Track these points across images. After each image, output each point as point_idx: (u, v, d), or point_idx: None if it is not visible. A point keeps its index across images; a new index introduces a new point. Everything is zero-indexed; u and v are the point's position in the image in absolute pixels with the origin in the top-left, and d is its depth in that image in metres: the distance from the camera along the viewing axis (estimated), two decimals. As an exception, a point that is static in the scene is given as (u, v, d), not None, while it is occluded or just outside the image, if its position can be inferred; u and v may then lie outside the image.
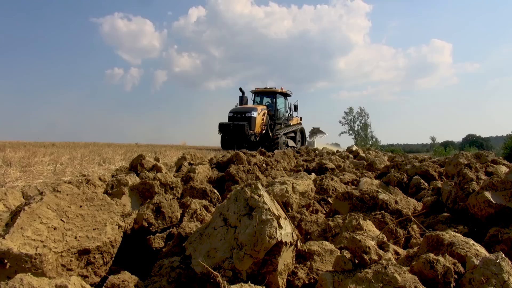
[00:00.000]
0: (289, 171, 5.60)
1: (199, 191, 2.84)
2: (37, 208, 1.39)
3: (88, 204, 1.55)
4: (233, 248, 1.24)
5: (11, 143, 14.93)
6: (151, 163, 5.02)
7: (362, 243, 1.28)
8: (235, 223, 1.30)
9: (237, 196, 1.35)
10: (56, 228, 1.38)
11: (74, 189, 1.59)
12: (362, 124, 62.22)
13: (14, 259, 1.20)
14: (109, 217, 1.54)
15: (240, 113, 18.90)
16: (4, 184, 4.44)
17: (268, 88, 22.42)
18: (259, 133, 18.85)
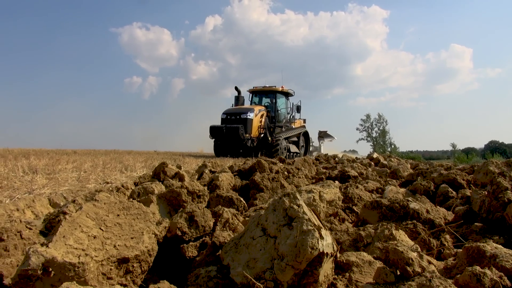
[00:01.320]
0: (310, 178, 5.56)
1: (226, 199, 2.84)
2: (77, 217, 1.42)
3: (125, 213, 1.57)
4: (274, 258, 1.23)
5: (35, 150, 15.30)
6: (174, 170, 5.06)
7: (405, 254, 1.25)
8: (274, 233, 1.29)
9: (276, 206, 1.35)
10: (96, 237, 1.39)
11: (111, 198, 1.61)
12: (380, 130, 61.44)
13: (58, 268, 1.22)
14: (146, 226, 1.56)
15: (235, 114, 16.57)
16: (31, 191, 4.53)
17: (267, 86, 19.71)
18: (256, 137, 16.74)
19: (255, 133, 16.64)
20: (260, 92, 19.75)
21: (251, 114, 16.40)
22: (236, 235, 1.61)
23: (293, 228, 1.24)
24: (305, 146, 21.45)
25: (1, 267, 1.88)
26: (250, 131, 16.19)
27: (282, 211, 1.31)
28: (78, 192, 4.64)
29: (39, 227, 2.36)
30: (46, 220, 2.53)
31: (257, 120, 16.78)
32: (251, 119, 16.28)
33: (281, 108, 19.56)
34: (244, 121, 16.02)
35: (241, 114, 16.32)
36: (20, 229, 2.03)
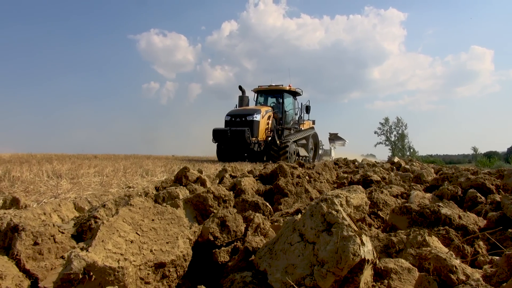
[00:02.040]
0: (332, 183, 5.51)
1: (251, 204, 2.84)
2: (114, 221, 1.43)
3: (159, 217, 1.58)
4: (313, 265, 1.22)
5: (57, 155, 15.63)
6: (195, 175, 5.09)
7: (448, 262, 1.22)
8: (313, 239, 1.28)
9: (313, 212, 1.33)
10: (133, 242, 1.40)
11: (145, 203, 1.62)
12: (399, 134, 60.55)
13: (99, 272, 1.23)
14: (180, 230, 1.56)
15: (240, 116, 15.20)
16: (57, 196, 4.60)
17: (274, 85, 18.08)
18: (263, 140, 15.37)
19: (262, 136, 15.40)
20: (266, 91, 18.28)
21: (257, 115, 15.11)
22: (269, 241, 1.60)
23: (332, 234, 1.22)
24: (315, 150, 20.17)
25: (36, 271, 1.92)
26: (257, 134, 14.95)
27: (320, 217, 1.30)
28: (101, 196, 4.70)
29: (70, 231, 2.40)
30: (77, 224, 2.57)
31: (264, 122, 15.54)
32: (257, 121, 15.02)
33: (289, 109, 18.14)
34: (250, 123, 14.82)
35: (247, 116, 15.03)
36: (53, 233, 2.06)
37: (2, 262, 1.72)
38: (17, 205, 3.63)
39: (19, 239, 1.91)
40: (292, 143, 15.72)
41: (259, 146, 14.98)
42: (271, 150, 15.19)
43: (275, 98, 17.99)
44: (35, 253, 1.94)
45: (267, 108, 16.44)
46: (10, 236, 2.03)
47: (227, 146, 15.12)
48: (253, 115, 15.04)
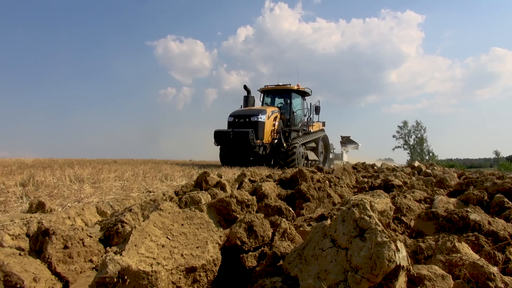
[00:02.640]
0: (352, 188, 5.46)
1: (274, 208, 2.83)
2: (146, 226, 1.45)
3: (188, 222, 1.59)
4: (347, 271, 1.21)
5: (77, 160, 15.93)
6: (215, 179, 5.12)
7: (486, 269, 1.19)
8: (345, 244, 1.27)
9: (345, 217, 1.32)
10: (164, 246, 1.42)
11: (174, 207, 1.64)
12: (418, 138, 59.51)
13: (133, 276, 1.25)
14: (209, 235, 1.57)
15: (244, 117, 14.07)
16: (80, 200, 4.67)
17: (281, 85, 16.84)
18: (269, 143, 14.19)
19: (268, 138, 14.24)
20: (273, 91, 17.09)
21: (262, 116, 13.92)
22: (298, 246, 1.60)
23: (366, 239, 1.21)
24: (325, 153, 18.89)
25: (67, 274, 1.95)
26: (262, 136, 13.81)
27: (352, 222, 1.29)
28: (123, 201, 4.76)
29: (98, 235, 2.45)
30: (104, 228, 2.61)
31: (269, 123, 14.36)
32: (262, 122, 13.85)
33: (297, 110, 16.82)
34: (254, 124, 13.66)
35: (251, 117, 13.84)
36: (82, 237, 2.10)
37: (35, 265, 1.76)
38: (42, 209, 3.71)
39: (50, 243, 1.96)
40: (300, 146, 14.66)
41: (264, 149, 13.83)
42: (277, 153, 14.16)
43: (282, 98, 16.85)
44: (65, 256, 1.98)
45: (273, 108, 15.25)
46: (41, 239, 2.07)
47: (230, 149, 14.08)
48: (258, 115, 13.83)
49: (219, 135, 13.63)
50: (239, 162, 13.91)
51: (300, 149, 14.41)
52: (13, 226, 3.06)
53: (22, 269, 1.63)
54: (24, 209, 3.84)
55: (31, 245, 2.14)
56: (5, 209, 3.84)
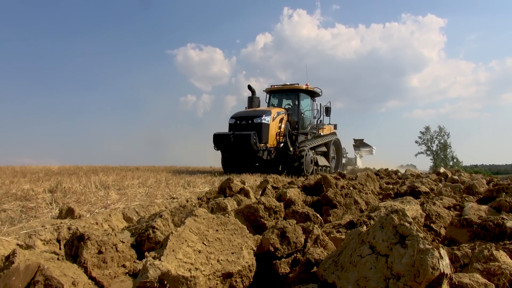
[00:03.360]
0: (377, 194, 5.38)
1: (302, 215, 2.82)
2: (182, 231, 1.46)
3: (223, 228, 1.60)
4: (388, 278, 1.19)
5: (101, 167, 16.25)
6: (239, 186, 5.14)
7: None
8: (385, 251, 1.25)
9: (383, 223, 1.31)
10: (200, 251, 1.43)
11: (208, 213, 1.65)
12: (441, 144, 58.15)
13: (172, 281, 1.26)
14: (243, 241, 1.58)
15: (246, 118, 12.79)
16: (107, 206, 4.75)
17: (288, 84, 15.60)
18: (274, 147, 12.81)
19: (273, 142, 12.88)
20: (280, 91, 15.78)
21: (267, 117, 12.63)
22: (332, 252, 1.58)
23: (407, 246, 1.19)
24: (337, 158, 17.37)
25: (102, 278, 1.99)
26: (266, 139, 12.50)
27: (392, 229, 1.27)
28: (148, 207, 4.82)
29: (130, 241, 2.49)
30: (135, 234, 2.66)
31: (275, 125, 13.01)
32: (267, 124, 12.55)
33: (306, 111, 15.52)
34: (258, 126, 12.35)
35: (254, 118, 12.57)
36: (115, 242, 2.14)
37: (73, 269, 1.80)
38: (72, 215, 3.79)
39: (86, 248, 2.00)
40: (309, 150, 13.39)
41: (269, 154, 12.46)
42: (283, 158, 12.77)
43: (290, 99, 15.61)
44: (99, 261, 2.02)
45: (279, 109, 13.95)
46: (76, 244, 2.12)
47: (231, 153, 12.86)
48: (261, 117, 12.50)
49: (219, 139, 12.33)
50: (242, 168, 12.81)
51: (309, 154, 13.18)
52: (44, 231, 3.14)
53: (61, 273, 1.67)
54: (54, 215, 3.94)
55: (67, 250, 2.19)
56: (35, 215, 3.95)
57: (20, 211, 4.16)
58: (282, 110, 13.89)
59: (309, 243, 1.82)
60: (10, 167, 13.87)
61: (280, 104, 15.61)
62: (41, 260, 1.69)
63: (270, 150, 12.50)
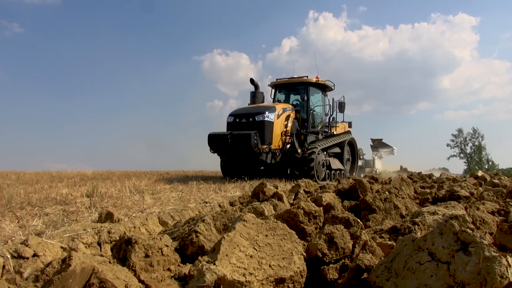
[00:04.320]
0: (413, 199, 5.24)
1: (342, 220, 2.78)
2: (233, 236, 1.48)
3: (272, 233, 1.60)
4: (451, 286, 1.16)
5: (132, 172, 16.63)
6: (272, 190, 5.14)
7: None
8: (446, 258, 1.22)
9: (442, 230, 1.27)
10: (252, 256, 1.44)
11: (257, 219, 1.66)
12: (476, 146, 56.07)
13: (228, 285, 1.27)
14: (293, 246, 1.57)
15: (247, 116, 11.12)
16: (143, 210, 4.84)
17: (296, 77, 13.61)
18: (279, 148, 11.13)
19: (278, 142, 11.13)
20: (286, 85, 13.87)
21: (270, 114, 10.92)
22: (384, 259, 1.55)
23: (471, 254, 1.15)
24: (352, 160, 15.47)
25: (149, 282, 2.03)
26: (270, 139, 10.81)
27: (452, 235, 1.23)
28: (182, 211, 4.87)
29: (173, 245, 2.53)
30: (177, 238, 2.70)
31: (280, 123, 11.26)
32: (270, 122, 10.86)
33: (317, 108, 13.45)
34: (260, 125, 10.74)
35: (255, 115, 10.89)
36: (161, 246, 2.18)
37: (124, 272, 1.85)
38: (111, 219, 3.88)
39: (134, 251, 2.05)
40: (321, 151, 11.72)
41: (273, 157, 10.82)
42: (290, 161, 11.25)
43: (299, 95, 13.71)
44: (146, 265, 2.06)
45: (286, 105, 12.16)
46: (124, 248, 2.18)
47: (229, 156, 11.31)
48: (264, 113, 10.78)
49: (214, 140, 10.67)
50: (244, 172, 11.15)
51: (320, 156, 11.51)
52: (86, 235, 3.24)
53: (114, 276, 1.71)
54: (94, 218, 4.05)
55: (115, 253, 2.25)
56: (76, 218, 4.07)
57: (62, 215, 4.30)
58: (289, 106, 12.11)
59: (357, 249, 1.79)
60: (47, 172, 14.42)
61: (287, 100, 13.71)
62: (95, 263, 1.74)
63: (275, 152, 10.87)
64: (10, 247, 2.67)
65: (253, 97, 13.01)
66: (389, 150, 22.30)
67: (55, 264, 1.75)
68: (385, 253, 1.87)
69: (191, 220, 3.34)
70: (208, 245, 2.35)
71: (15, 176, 11.58)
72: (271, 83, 14.01)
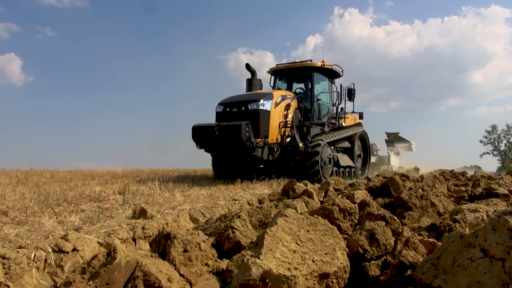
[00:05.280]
0: (448, 197, 5.10)
1: (378, 217, 2.73)
2: (276, 231, 1.48)
3: (313, 228, 1.60)
4: (506, 283, 1.12)
5: (160, 170, 16.93)
6: (302, 188, 5.13)
7: None
8: (500, 255, 1.18)
9: (495, 226, 1.23)
10: (295, 251, 1.44)
11: (297, 214, 1.66)
12: (510, 143, 53.92)
13: (274, 279, 1.28)
14: (335, 242, 1.56)
15: (238, 104, 9.40)
16: (174, 207, 4.92)
17: (298, 62, 11.69)
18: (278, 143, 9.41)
19: (275, 135, 9.37)
20: (288, 72, 11.89)
21: (266, 102, 9.19)
22: (429, 255, 1.52)
23: (528, 250, 1.11)
24: (364, 156, 13.52)
25: (189, 276, 2.07)
26: (266, 132, 9.07)
27: (507, 231, 1.19)
28: (212, 208, 4.92)
29: (210, 241, 2.56)
30: (214, 233, 2.73)
31: (278, 113, 9.52)
32: (266, 111, 9.13)
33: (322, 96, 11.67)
34: (253, 114, 8.96)
35: (248, 103, 9.14)
36: (198, 241, 2.21)
37: (166, 266, 1.89)
38: (144, 215, 3.96)
39: (173, 246, 2.09)
40: (327, 146, 10.06)
41: (270, 152, 9.10)
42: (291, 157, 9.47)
43: (303, 83, 11.76)
44: (185, 259, 2.09)
45: (286, 92, 10.46)
46: (163, 243, 2.22)
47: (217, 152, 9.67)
48: (259, 101, 9.04)
49: (199, 133, 8.89)
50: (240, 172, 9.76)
51: (326, 151, 9.84)
52: (121, 230, 3.33)
53: (157, 270, 1.75)
54: (128, 215, 4.15)
55: (154, 248, 2.30)
56: (111, 215, 4.19)
57: (97, 212, 4.43)
58: (289, 94, 10.42)
59: (399, 246, 1.76)
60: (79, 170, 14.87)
61: (290, 89, 11.81)
62: (138, 257, 1.79)
63: (272, 146, 9.14)
64: (51, 242, 2.78)
65: (250, 85, 11.02)
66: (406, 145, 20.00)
67: (101, 257, 1.81)
68: (427, 250, 1.84)
69: (223, 217, 3.37)
70: (244, 241, 2.36)
71: (49, 174, 12.01)
72: (270, 69, 12.13)
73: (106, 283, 1.63)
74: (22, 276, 2.34)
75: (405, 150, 20.27)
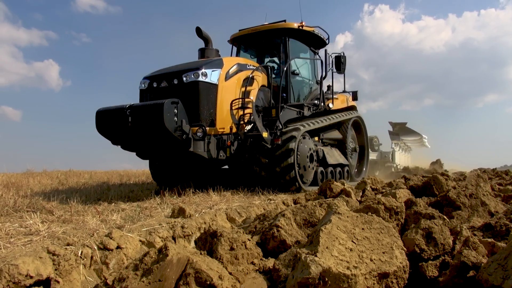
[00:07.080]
0: (494, 196, 4.87)
1: (426, 216, 2.63)
2: (331, 229, 1.44)
3: (368, 226, 1.55)
4: None
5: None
6: (339, 187, 5.03)
7: None
8: None
9: None
10: (352, 250, 1.40)
11: (351, 212, 1.61)
12: (555, 140, 50.87)
13: (334, 278, 1.24)
14: (392, 240, 1.51)
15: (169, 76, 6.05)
16: (211, 207, 4.95)
17: (268, 24, 8.14)
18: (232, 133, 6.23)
19: (226, 122, 6.20)
20: (255, 39, 8.42)
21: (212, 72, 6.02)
22: (496, 256, 1.44)
23: None
24: (360, 151, 10.07)
25: (236, 274, 2.06)
26: (210, 115, 5.98)
27: None
28: (248, 208, 4.91)
29: (254, 239, 2.55)
30: (258, 232, 2.73)
31: (231, 88, 6.39)
32: (210, 84, 5.98)
33: (301, 69, 8.40)
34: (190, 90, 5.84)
35: (182, 75, 5.90)
36: (244, 240, 2.21)
37: (215, 264, 1.89)
38: (183, 214, 4.01)
39: (220, 244, 2.09)
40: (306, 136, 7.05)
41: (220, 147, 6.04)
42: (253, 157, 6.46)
43: (276, 55, 8.44)
44: (232, 257, 2.09)
45: (246, 61, 7.25)
46: (210, 241, 2.23)
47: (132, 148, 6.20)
48: (199, 70, 5.86)
49: (105, 119, 5.68)
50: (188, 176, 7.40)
51: (305, 144, 6.80)
52: (162, 229, 3.37)
53: (207, 267, 1.76)
54: (167, 214, 4.21)
55: (200, 246, 2.32)
56: (150, 214, 4.26)
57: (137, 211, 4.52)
58: (250, 63, 7.15)
59: (458, 245, 1.68)
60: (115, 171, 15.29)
61: (261, 61, 8.55)
62: (189, 254, 1.79)
63: (220, 139, 6.03)
64: (96, 239, 2.85)
65: (202, 56, 7.03)
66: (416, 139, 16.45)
67: (152, 254, 1.83)
68: (487, 251, 1.74)
69: (262, 216, 3.36)
70: (289, 239, 2.34)
71: (88, 175, 12.41)
72: (231, 36, 8.67)
73: (159, 279, 1.65)
74: (71, 272, 2.41)
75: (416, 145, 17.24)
